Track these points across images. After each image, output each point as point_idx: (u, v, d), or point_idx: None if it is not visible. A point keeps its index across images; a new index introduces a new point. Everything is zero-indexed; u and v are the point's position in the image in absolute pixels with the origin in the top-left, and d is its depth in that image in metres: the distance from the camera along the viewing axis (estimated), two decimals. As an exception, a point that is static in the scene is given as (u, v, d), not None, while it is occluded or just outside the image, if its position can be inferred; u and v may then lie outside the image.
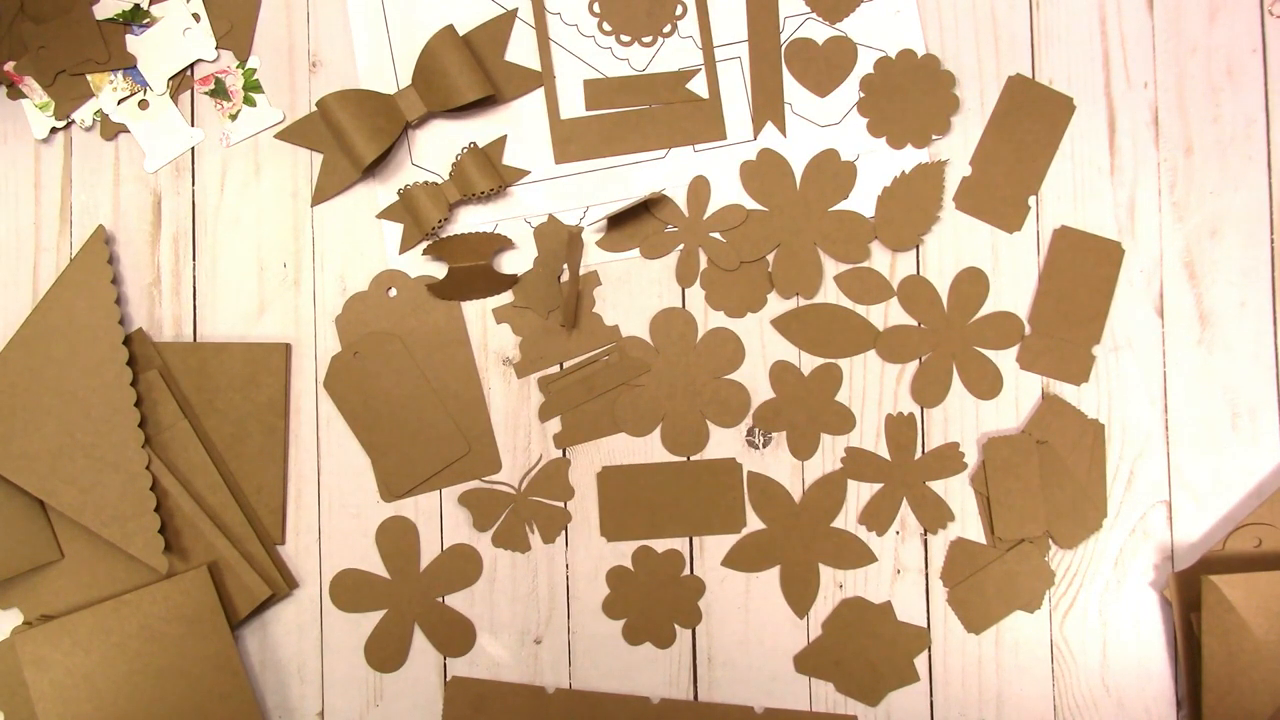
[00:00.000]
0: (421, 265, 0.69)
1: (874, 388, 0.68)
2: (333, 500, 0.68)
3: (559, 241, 0.68)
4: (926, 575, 0.68)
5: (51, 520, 0.66)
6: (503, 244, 0.68)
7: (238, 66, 0.69)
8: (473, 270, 0.68)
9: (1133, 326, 0.68)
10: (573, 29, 0.69)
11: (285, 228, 0.69)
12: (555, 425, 0.68)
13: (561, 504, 0.68)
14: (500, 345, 0.69)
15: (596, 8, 0.69)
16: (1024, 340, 0.68)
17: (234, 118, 0.69)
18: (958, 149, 0.68)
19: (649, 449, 0.68)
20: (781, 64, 0.69)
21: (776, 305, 0.68)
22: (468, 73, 0.66)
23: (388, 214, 0.69)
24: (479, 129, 0.69)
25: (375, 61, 0.69)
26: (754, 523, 0.68)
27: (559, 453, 0.68)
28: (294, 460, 0.69)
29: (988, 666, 0.67)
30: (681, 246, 0.68)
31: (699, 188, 0.68)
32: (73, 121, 0.69)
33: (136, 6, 0.69)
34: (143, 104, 0.69)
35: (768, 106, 0.69)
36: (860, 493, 0.68)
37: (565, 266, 0.68)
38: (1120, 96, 0.68)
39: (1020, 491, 0.66)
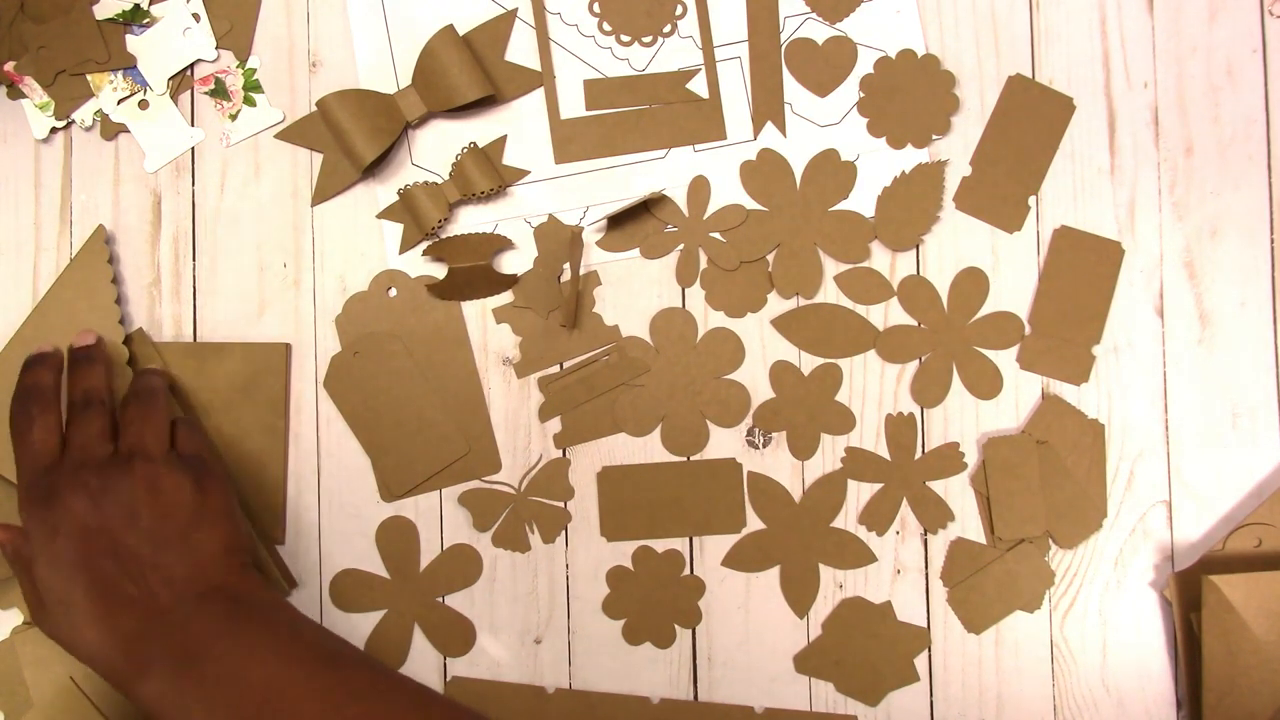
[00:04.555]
0: (421, 265, 0.69)
1: (874, 388, 0.68)
2: (333, 500, 0.69)
3: (559, 241, 0.68)
4: (926, 575, 0.68)
5: (51, 520, 0.66)
6: (503, 244, 0.68)
7: (238, 66, 0.69)
8: (473, 270, 0.68)
9: (1133, 326, 0.68)
10: (573, 29, 0.69)
11: (285, 228, 0.69)
12: (555, 425, 0.68)
13: (561, 504, 0.68)
14: (500, 345, 0.69)
15: (596, 8, 0.69)
16: (1024, 340, 0.68)
17: (234, 118, 0.69)
18: (958, 149, 0.68)
19: (649, 449, 0.68)
20: (781, 64, 0.69)
21: (776, 305, 0.68)
22: (468, 73, 0.66)
23: (388, 214, 0.69)
24: (479, 129, 0.69)
25: (375, 61, 0.69)
26: (754, 523, 0.68)
27: (559, 453, 0.68)
28: (294, 460, 0.69)
29: (988, 666, 0.67)
30: (681, 246, 0.68)
31: (699, 188, 0.68)
32: (73, 121, 0.69)
33: (136, 6, 0.69)
34: (143, 104, 0.69)
35: (768, 106, 0.69)
36: (860, 493, 0.68)
37: (566, 266, 0.68)
38: (1120, 96, 0.68)
39: (1020, 491, 0.66)
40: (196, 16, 0.69)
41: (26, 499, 0.55)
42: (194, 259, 0.69)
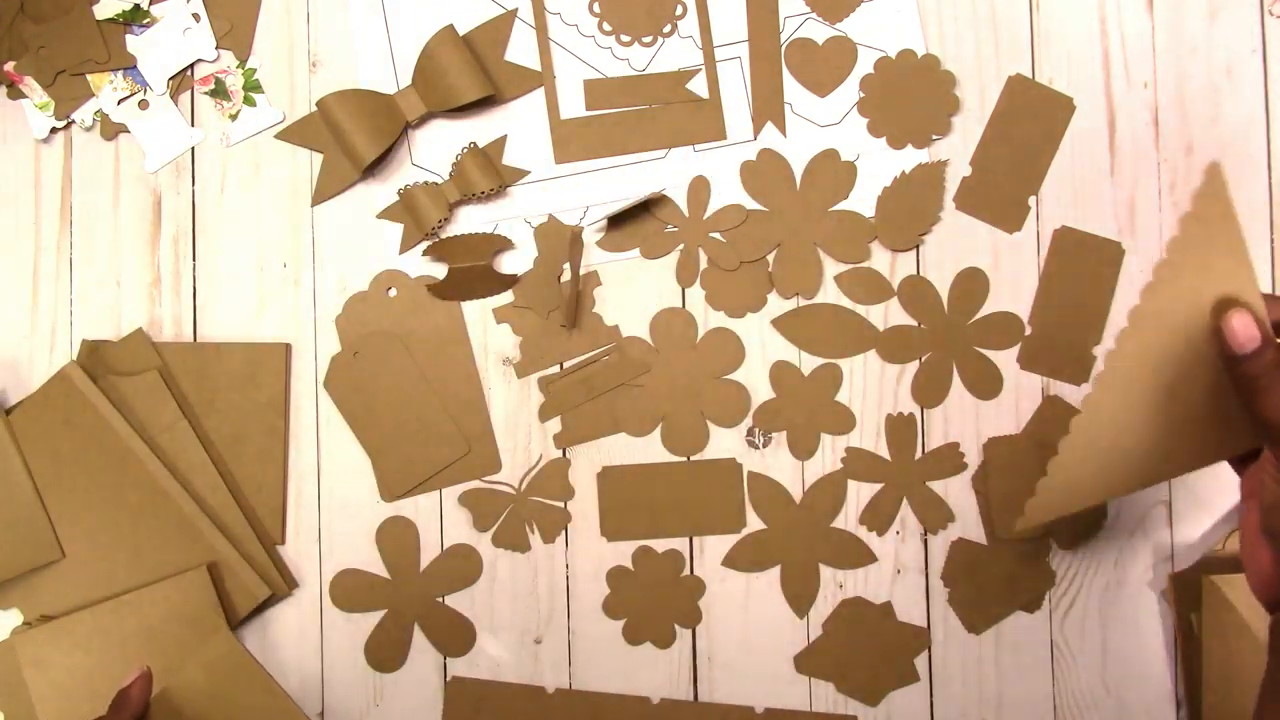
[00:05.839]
0: (421, 265, 0.69)
1: (874, 388, 0.68)
2: (333, 500, 0.68)
3: (559, 241, 0.68)
4: (926, 575, 0.68)
5: (51, 520, 0.66)
6: (503, 244, 0.68)
7: (238, 66, 0.69)
8: (473, 270, 0.68)
9: (1133, 326, 0.68)
10: (573, 29, 0.69)
11: (285, 228, 0.69)
12: (555, 425, 0.68)
13: (561, 504, 0.68)
14: (500, 345, 0.69)
15: (596, 8, 0.69)
16: (1024, 340, 0.68)
17: (234, 118, 0.69)
18: (958, 149, 0.68)
19: (649, 449, 0.68)
20: (782, 64, 0.69)
21: (776, 305, 0.68)
22: (468, 73, 0.66)
23: (388, 214, 0.69)
24: (479, 129, 0.69)
25: (375, 61, 0.69)
26: (754, 523, 0.68)
27: (559, 453, 0.68)
28: (294, 460, 0.69)
29: (988, 666, 0.67)
30: (681, 246, 0.68)
31: (699, 188, 0.68)
32: (73, 121, 0.69)
33: (136, 6, 0.69)
34: (143, 104, 0.69)
35: (768, 106, 0.69)
36: (860, 493, 0.68)
37: (566, 266, 0.68)
38: (1120, 96, 0.68)
39: (1020, 491, 0.66)
40: (196, 16, 0.69)
41: None
42: (194, 259, 0.69)
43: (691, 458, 0.68)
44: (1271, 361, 0.40)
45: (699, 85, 0.69)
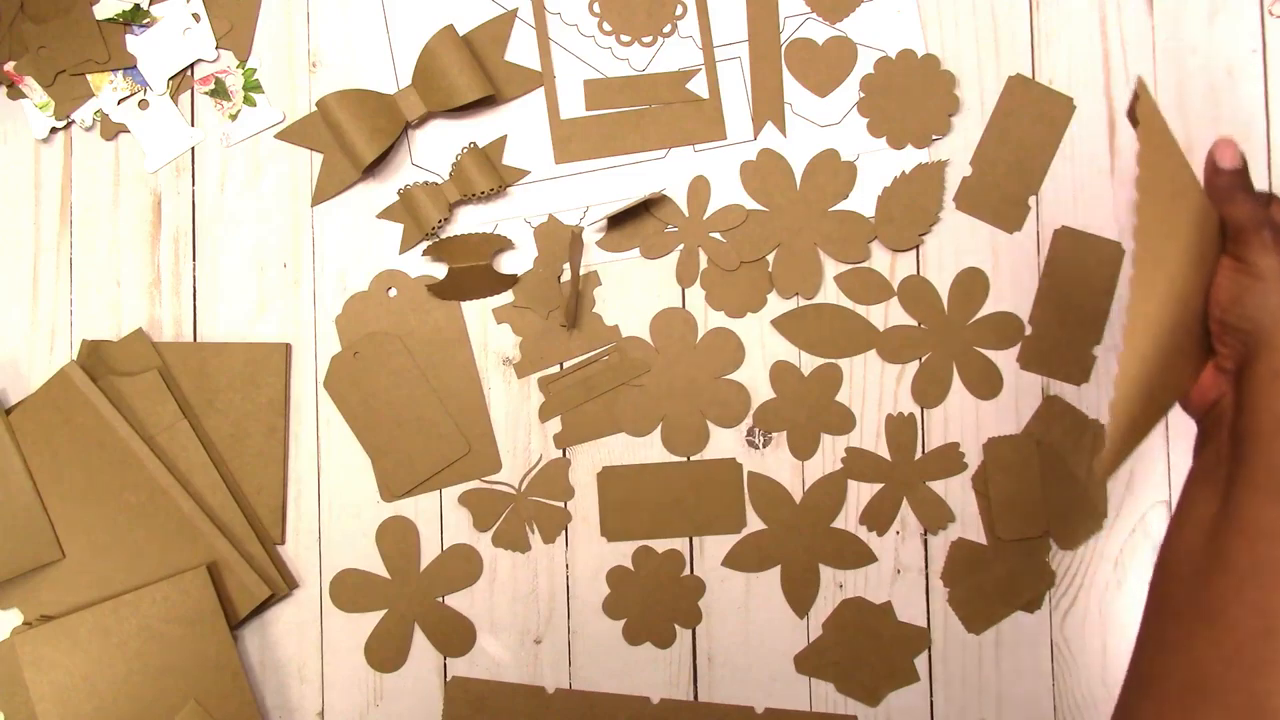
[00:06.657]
0: (421, 265, 0.69)
1: (874, 388, 0.68)
2: (333, 500, 0.68)
3: (559, 241, 0.68)
4: (926, 575, 0.68)
5: (52, 520, 0.66)
6: (503, 244, 0.68)
7: (238, 66, 0.69)
8: (473, 270, 0.68)
9: (1133, 326, 0.68)
10: (573, 29, 0.69)
11: (285, 228, 0.69)
12: (555, 425, 0.68)
13: (561, 504, 0.68)
14: (500, 345, 0.69)
15: (596, 8, 0.69)
16: (1024, 340, 0.68)
17: (234, 118, 0.69)
18: (958, 149, 0.68)
19: (649, 449, 0.68)
20: (781, 64, 0.69)
21: (776, 305, 0.68)
22: (468, 73, 0.66)
23: (388, 214, 0.69)
24: (479, 129, 0.69)
25: (375, 61, 0.69)
26: (754, 523, 0.68)
27: (559, 453, 0.68)
28: (294, 460, 0.69)
29: (988, 666, 0.67)
30: (681, 246, 0.68)
31: (699, 188, 0.68)
32: (73, 121, 0.69)
33: (136, 6, 0.69)
34: (143, 104, 0.69)
35: (768, 106, 0.69)
36: (860, 493, 0.68)
37: (566, 266, 0.68)
38: (1120, 96, 0.68)
39: (1020, 491, 0.66)
40: (196, 16, 0.69)
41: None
42: (194, 259, 0.69)
43: (691, 458, 0.68)
44: (1239, 181, 0.47)
45: (699, 85, 0.69)
